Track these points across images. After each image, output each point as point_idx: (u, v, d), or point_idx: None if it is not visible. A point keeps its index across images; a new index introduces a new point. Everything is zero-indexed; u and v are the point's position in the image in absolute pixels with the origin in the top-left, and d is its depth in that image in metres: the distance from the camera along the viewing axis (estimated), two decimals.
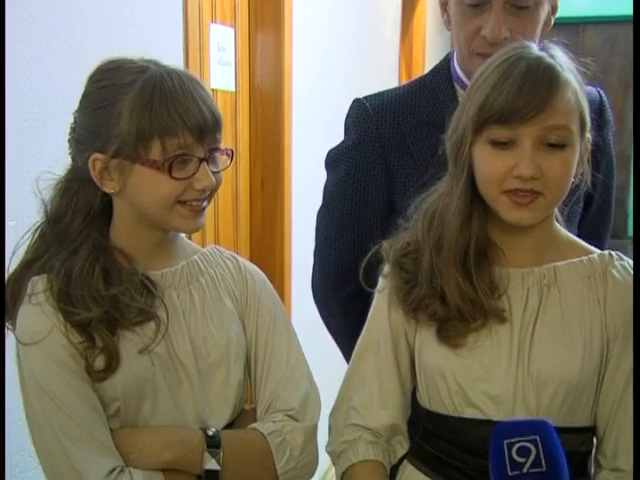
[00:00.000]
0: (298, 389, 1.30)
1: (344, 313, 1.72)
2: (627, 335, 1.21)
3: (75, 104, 1.24)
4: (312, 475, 1.31)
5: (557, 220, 1.30)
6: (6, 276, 1.23)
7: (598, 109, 1.56)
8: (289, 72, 2.89)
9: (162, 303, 1.23)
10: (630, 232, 8.66)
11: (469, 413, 1.24)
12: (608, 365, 1.22)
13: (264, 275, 1.39)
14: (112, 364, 1.16)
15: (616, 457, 1.23)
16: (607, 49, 8.49)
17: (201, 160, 1.19)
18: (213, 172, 1.21)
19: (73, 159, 1.25)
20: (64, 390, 1.14)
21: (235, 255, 1.38)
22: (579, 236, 1.37)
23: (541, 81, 1.16)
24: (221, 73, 2.60)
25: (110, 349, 1.16)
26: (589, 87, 1.59)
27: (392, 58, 4.79)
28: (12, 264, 1.24)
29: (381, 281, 1.34)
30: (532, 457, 1.08)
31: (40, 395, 1.14)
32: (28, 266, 1.22)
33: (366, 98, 1.69)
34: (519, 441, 1.10)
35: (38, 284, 1.18)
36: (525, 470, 1.08)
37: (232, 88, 2.69)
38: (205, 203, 1.24)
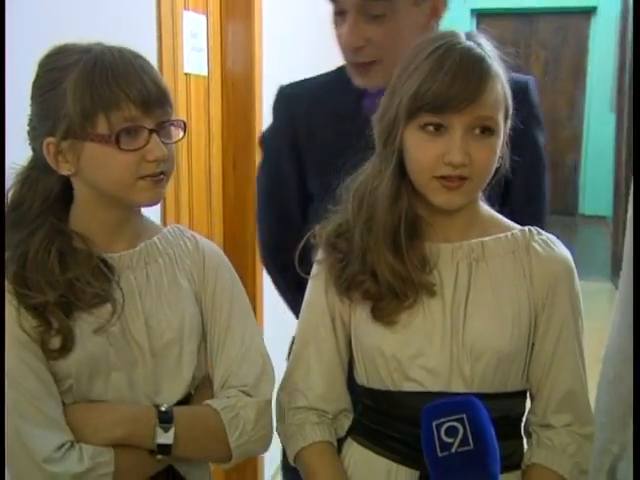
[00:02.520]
0: (253, 366, 1.27)
1: (282, 277, 1.75)
2: (551, 303, 1.23)
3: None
4: (266, 448, 1.29)
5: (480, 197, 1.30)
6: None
7: (522, 100, 1.43)
8: (259, 57, 2.88)
9: (118, 286, 1.19)
10: (580, 210, 8.79)
11: (408, 387, 1.22)
12: (537, 332, 1.24)
13: (223, 254, 1.35)
14: (67, 345, 1.13)
15: (545, 415, 1.25)
16: (559, 39, 8.54)
17: (151, 131, 1.16)
18: (165, 143, 1.18)
19: (33, 149, 1.21)
20: (16, 366, 1.11)
21: (195, 235, 1.34)
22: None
23: (472, 72, 1.16)
24: (194, 58, 2.59)
25: (65, 331, 1.13)
26: (519, 75, 1.56)
27: None
28: None
29: (315, 266, 1.32)
30: (460, 436, 1.08)
31: None
32: None
33: (288, 86, 1.68)
34: (447, 421, 1.09)
35: None
36: (454, 450, 1.07)
37: (205, 73, 2.68)
38: (164, 179, 1.20)
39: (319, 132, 1.57)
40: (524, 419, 1.29)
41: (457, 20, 6.29)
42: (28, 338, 1.12)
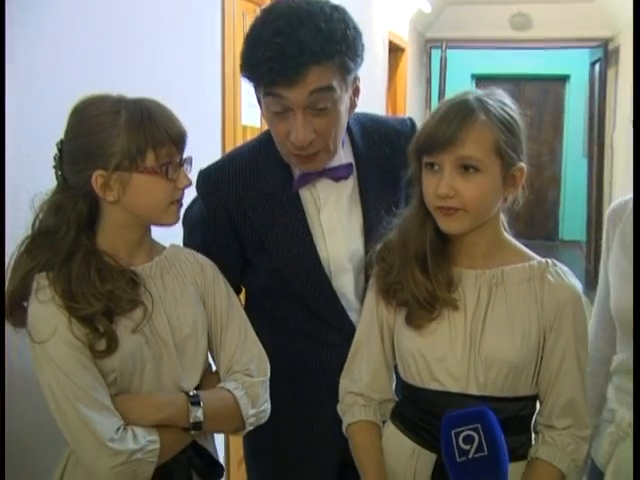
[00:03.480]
0: (250, 353, 1.31)
1: None
2: (558, 326, 1.21)
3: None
4: (266, 419, 1.32)
5: (505, 230, 1.29)
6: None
7: (409, 136, 1.31)
8: None
9: (146, 291, 1.21)
10: (560, 236, 8.76)
11: (433, 386, 1.23)
12: (545, 349, 1.22)
13: (215, 266, 1.35)
14: (111, 346, 1.15)
15: (550, 418, 1.23)
16: (542, 99, 8.64)
17: (180, 164, 1.21)
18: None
19: (62, 180, 1.20)
20: (74, 367, 1.12)
21: (191, 251, 1.35)
22: None
23: (454, 117, 1.15)
24: (250, 113, 2.61)
25: (110, 334, 1.15)
26: (400, 117, 1.54)
27: (380, 104, 4.85)
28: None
29: (371, 279, 1.34)
30: (476, 444, 1.06)
31: (55, 371, 1.12)
32: (29, 274, 1.16)
33: (211, 173, 1.44)
34: (464, 430, 1.07)
35: (41, 280, 1.15)
36: (470, 456, 1.06)
37: (258, 125, 2.69)
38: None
39: (254, 216, 1.41)
40: (534, 419, 1.27)
41: (460, 83, 6.34)
42: (79, 342, 1.13)
